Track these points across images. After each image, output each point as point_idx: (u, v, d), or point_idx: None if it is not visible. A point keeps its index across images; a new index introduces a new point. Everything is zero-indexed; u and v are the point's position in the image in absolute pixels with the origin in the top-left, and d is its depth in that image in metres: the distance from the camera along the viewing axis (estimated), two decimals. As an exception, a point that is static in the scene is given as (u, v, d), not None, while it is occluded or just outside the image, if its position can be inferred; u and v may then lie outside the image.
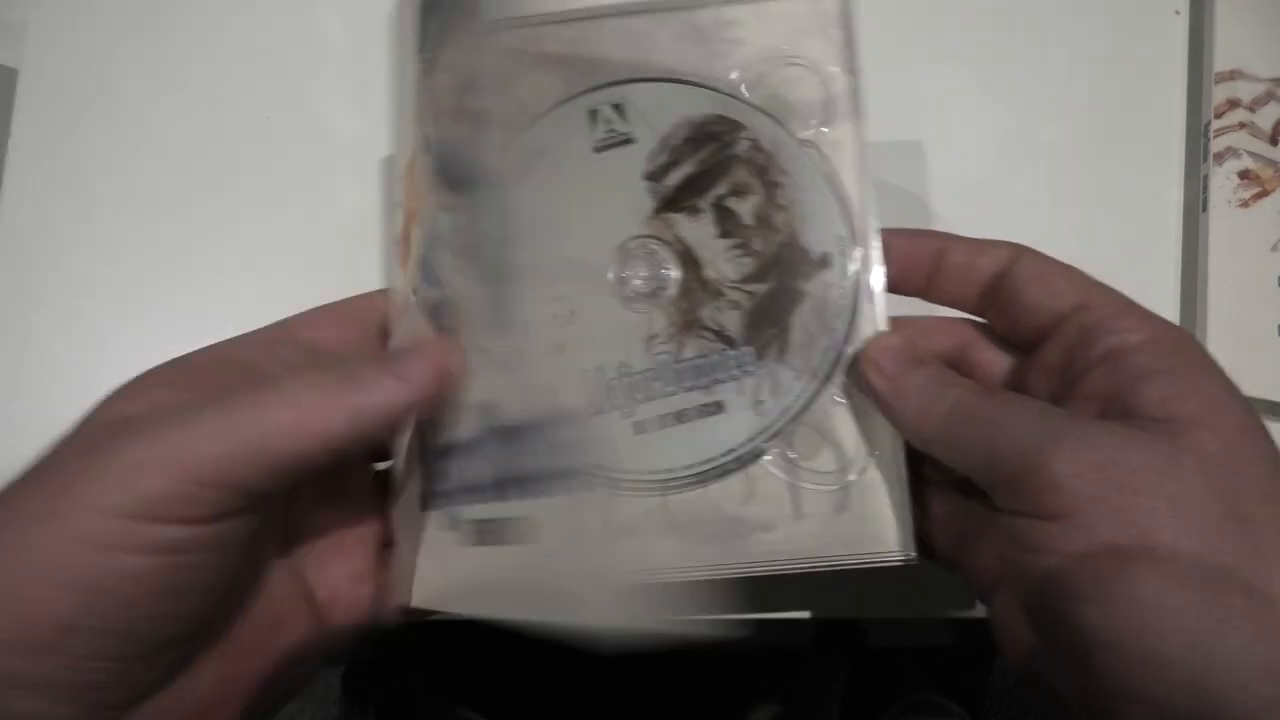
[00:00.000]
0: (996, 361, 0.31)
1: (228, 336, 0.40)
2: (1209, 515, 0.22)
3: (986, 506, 0.26)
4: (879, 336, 0.30)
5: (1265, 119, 0.40)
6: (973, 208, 0.41)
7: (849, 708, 0.72)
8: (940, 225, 0.40)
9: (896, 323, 0.31)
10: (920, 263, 0.31)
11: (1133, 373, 0.25)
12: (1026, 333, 0.29)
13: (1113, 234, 0.41)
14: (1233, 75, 0.40)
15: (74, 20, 0.42)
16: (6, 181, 0.41)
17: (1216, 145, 0.39)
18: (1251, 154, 0.39)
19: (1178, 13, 0.43)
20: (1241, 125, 0.40)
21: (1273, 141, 0.39)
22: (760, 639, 0.34)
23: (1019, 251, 0.29)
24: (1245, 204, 0.39)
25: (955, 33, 0.43)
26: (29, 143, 0.41)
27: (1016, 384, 0.30)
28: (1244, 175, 0.39)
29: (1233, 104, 0.40)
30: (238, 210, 0.41)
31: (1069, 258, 0.40)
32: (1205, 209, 0.39)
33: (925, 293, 0.31)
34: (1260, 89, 0.40)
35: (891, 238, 0.31)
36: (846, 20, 0.32)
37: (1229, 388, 0.25)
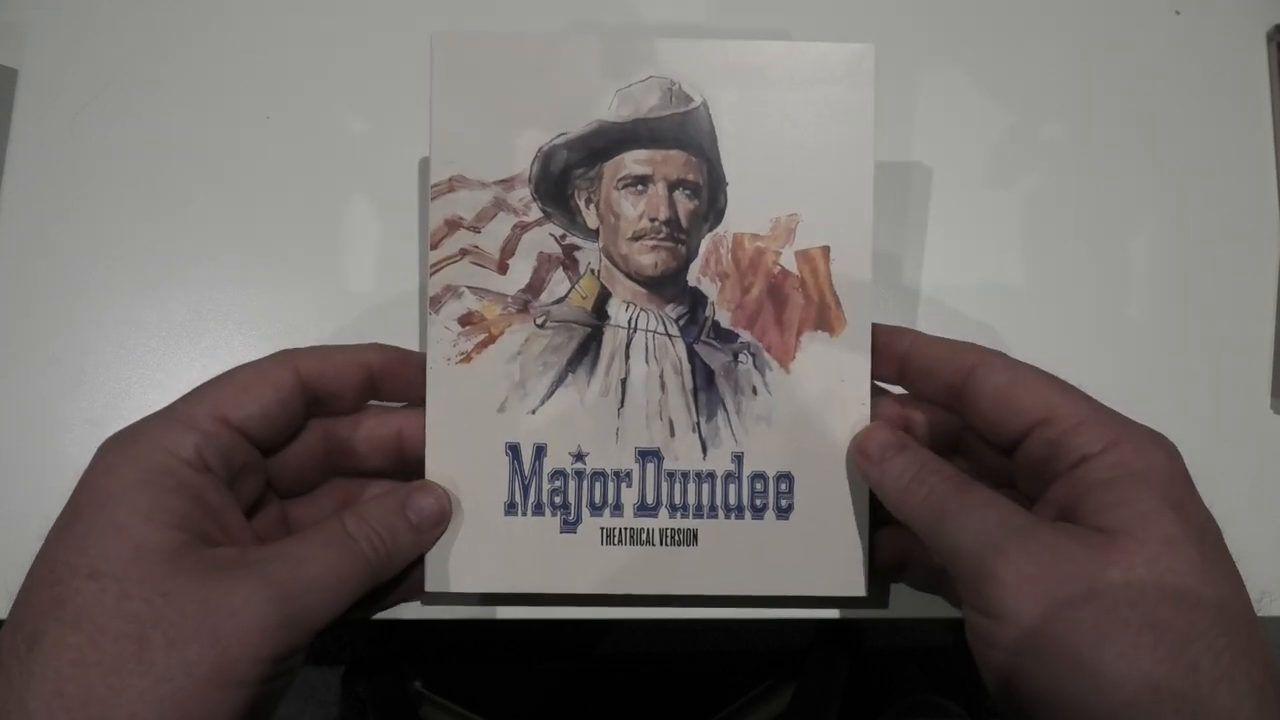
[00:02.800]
0: (986, 446, 0.32)
1: (225, 338, 0.40)
2: (1129, 624, 0.24)
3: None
4: (869, 426, 0.33)
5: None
6: (970, 207, 0.41)
7: (849, 708, 0.72)
8: (937, 226, 0.41)
9: (905, 398, 0.34)
10: (891, 358, 0.33)
11: (1084, 484, 0.27)
12: (998, 440, 0.31)
13: (1113, 237, 0.41)
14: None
15: (74, 20, 0.42)
16: (6, 181, 0.41)
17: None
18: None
19: (1178, 13, 0.43)
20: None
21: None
22: (760, 639, 0.35)
23: (980, 360, 0.31)
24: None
25: (955, 33, 0.43)
26: (29, 143, 0.41)
27: (1006, 474, 0.32)
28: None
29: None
30: (237, 211, 0.41)
31: (1061, 264, 0.40)
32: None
33: (900, 385, 0.34)
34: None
35: (873, 331, 0.33)
36: None
37: (1165, 498, 0.26)
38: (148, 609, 0.24)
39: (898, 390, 0.34)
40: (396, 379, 0.33)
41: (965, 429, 0.33)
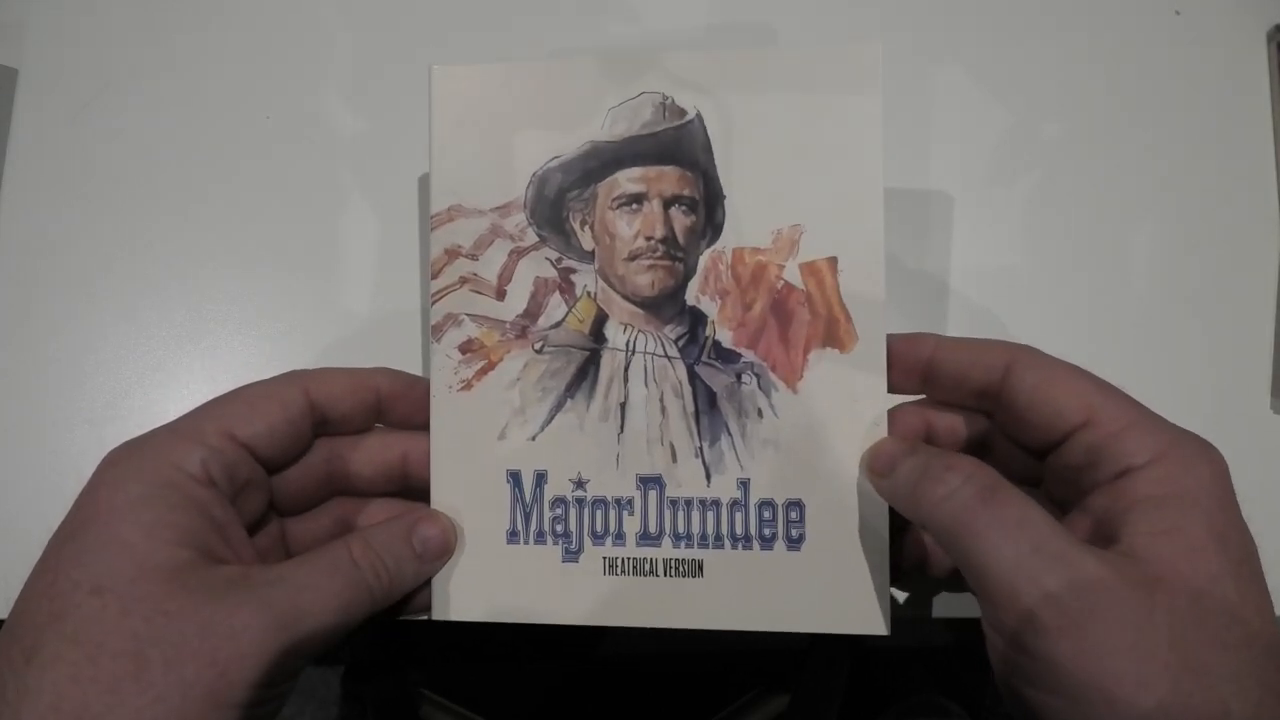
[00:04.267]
0: (1013, 447, 0.31)
1: (225, 339, 0.40)
2: (1170, 669, 0.23)
3: None
4: (878, 441, 0.31)
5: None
6: (968, 208, 0.41)
7: (850, 707, 0.72)
8: (936, 228, 0.41)
9: (925, 405, 0.32)
10: (913, 368, 0.31)
11: (1128, 499, 0.26)
12: (1034, 443, 0.29)
13: (1113, 238, 0.41)
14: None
15: (74, 20, 0.42)
16: (6, 181, 0.41)
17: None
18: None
19: (1178, 13, 0.43)
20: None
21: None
22: (761, 639, 0.35)
23: (1014, 357, 0.29)
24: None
25: (956, 33, 0.43)
26: (29, 143, 0.41)
27: (1033, 476, 0.31)
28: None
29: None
30: (236, 210, 0.41)
31: (1060, 265, 0.40)
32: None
33: (924, 394, 0.32)
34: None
35: (890, 342, 0.32)
36: None
37: (1211, 527, 0.25)
38: (148, 627, 0.24)
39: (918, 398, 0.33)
40: (402, 404, 0.33)
41: (992, 430, 0.32)
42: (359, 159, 0.41)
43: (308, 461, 0.32)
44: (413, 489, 0.33)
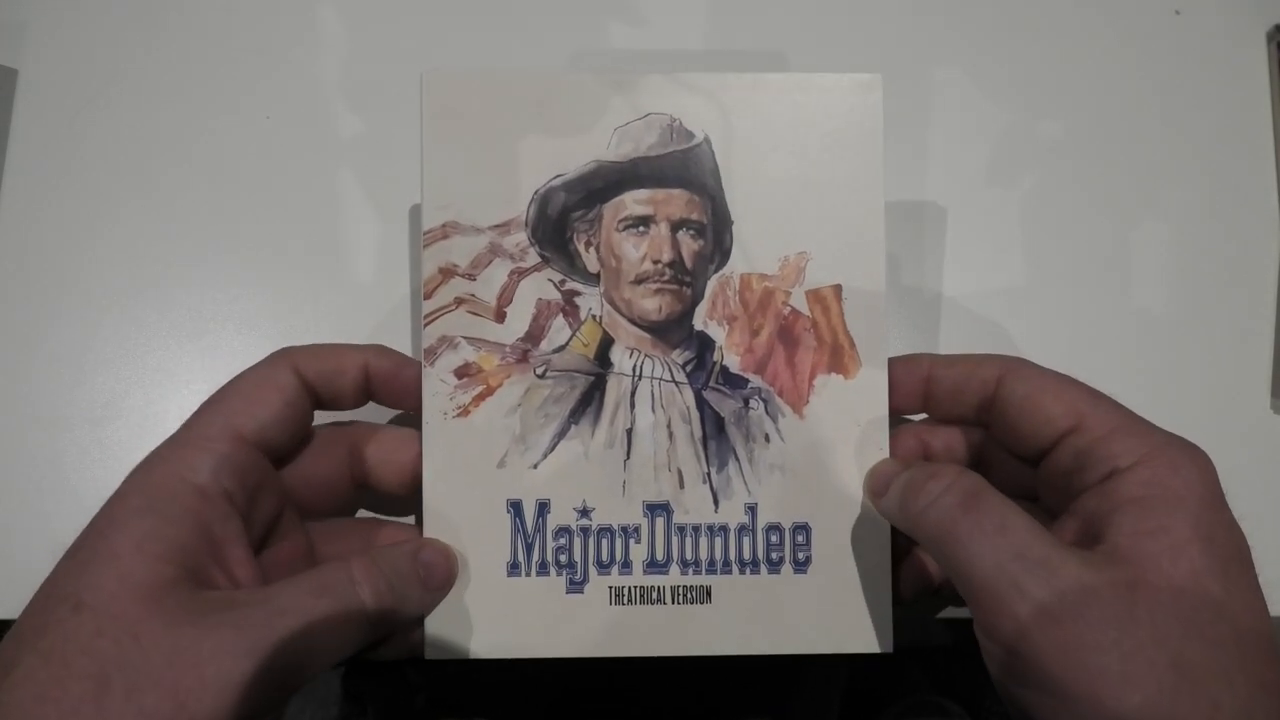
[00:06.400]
0: (1009, 460, 0.32)
1: (225, 339, 0.40)
2: (1155, 666, 0.24)
3: None
4: (876, 464, 0.32)
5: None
6: (973, 207, 0.41)
7: (848, 707, 0.72)
8: (942, 225, 0.41)
9: (921, 425, 0.33)
10: (913, 389, 0.32)
11: (1115, 500, 0.26)
12: (1026, 451, 0.30)
13: (1113, 238, 0.41)
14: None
15: (74, 20, 0.42)
16: (6, 181, 0.41)
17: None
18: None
19: (1178, 13, 0.43)
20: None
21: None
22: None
23: (1005, 369, 0.30)
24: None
25: (955, 33, 0.43)
26: (29, 143, 0.41)
27: (1029, 489, 0.31)
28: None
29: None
30: (237, 210, 0.41)
31: (1060, 265, 0.40)
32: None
33: (924, 412, 0.33)
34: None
35: (889, 365, 0.32)
36: None
37: (1197, 526, 0.25)
38: (115, 650, 0.23)
39: (919, 418, 0.34)
40: (393, 383, 0.32)
41: (988, 443, 0.32)
42: (360, 159, 0.41)
43: (328, 454, 0.31)
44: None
